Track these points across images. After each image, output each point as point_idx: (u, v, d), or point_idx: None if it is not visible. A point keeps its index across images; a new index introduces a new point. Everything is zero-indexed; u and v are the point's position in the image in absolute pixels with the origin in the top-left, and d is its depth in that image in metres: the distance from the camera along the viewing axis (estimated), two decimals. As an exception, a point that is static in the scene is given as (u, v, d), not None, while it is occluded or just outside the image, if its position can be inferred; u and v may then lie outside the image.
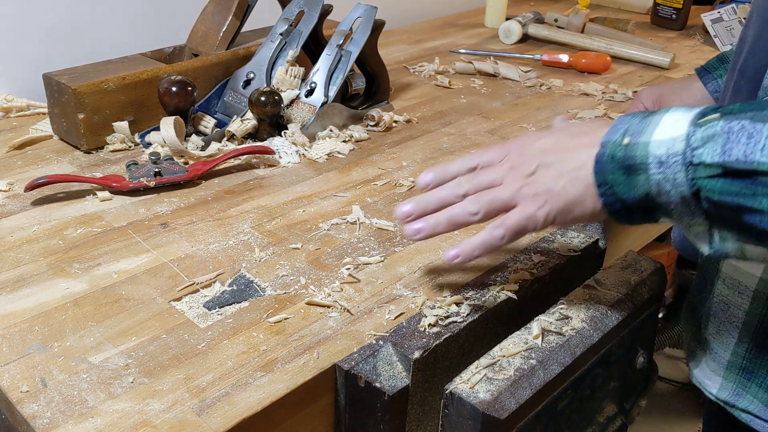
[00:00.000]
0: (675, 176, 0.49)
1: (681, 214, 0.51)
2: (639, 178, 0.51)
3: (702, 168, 0.48)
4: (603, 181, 0.53)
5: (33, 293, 0.66)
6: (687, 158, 0.49)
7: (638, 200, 0.52)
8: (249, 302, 0.66)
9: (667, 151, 0.50)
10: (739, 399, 0.64)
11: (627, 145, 0.52)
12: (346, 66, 1.01)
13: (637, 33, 1.56)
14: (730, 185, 0.47)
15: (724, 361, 0.64)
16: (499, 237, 0.59)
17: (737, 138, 0.47)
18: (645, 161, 0.50)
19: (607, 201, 0.54)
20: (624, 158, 0.52)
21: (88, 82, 0.90)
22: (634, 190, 0.52)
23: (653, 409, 1.71)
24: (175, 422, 0.52)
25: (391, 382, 0.58)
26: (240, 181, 0.88)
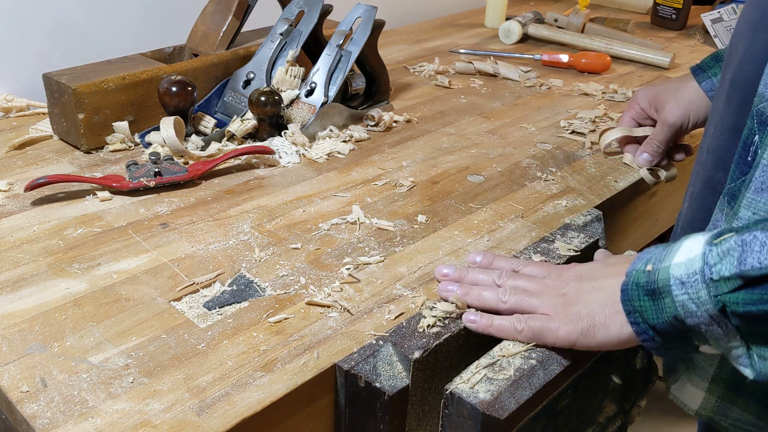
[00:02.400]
0: (698, 294, 0.50)
1: (716, 337, 0.51)
2: (665, 302, 0.52)
3: (722, 283, 0.49)
4: (631, 308, 0.55)
5: (33, 293, 0.66)
6: (706, 275, 0.50)
7: (668, 324, 0.53)
8: (249, 302, 0.66)
9: (687, 271, 0.51)
10: (726, 413, 0.63)
11: (649, 272, 0.53)
12: (346, 66, 1.01)
13: (637, 33, 1.56)
14: (751, 294, 0.48)
15: (709, 375, 0.63)
16: (517, 330, 0.61)
17: (750, 248, 0.48)
18: (667, 284, 0.52)
19: (639, 330, 0.55)
20: (647, 283, 0.53)
21: (88, 82, 0.90)
22: (662, 314, 0.53)
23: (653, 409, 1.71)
24: (175, 422, 0.52)
25: (391, 382, 0.58)
26: (240, 181, 0.88)
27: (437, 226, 0.79)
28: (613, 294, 0.57)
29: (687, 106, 0.88)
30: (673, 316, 0.52)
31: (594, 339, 0.58)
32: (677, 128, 0.89)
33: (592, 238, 0.77)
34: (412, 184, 0.88)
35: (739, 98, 0.62)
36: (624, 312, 0.55)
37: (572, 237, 0.77)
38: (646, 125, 0.95)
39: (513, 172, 0.93)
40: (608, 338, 0.57)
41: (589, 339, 0.58)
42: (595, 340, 0.58)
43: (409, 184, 0.88)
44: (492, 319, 0.63)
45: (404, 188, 0.87)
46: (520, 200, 0.86)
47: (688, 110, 0.88)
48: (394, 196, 0.86)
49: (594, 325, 0.58)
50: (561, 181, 0.91)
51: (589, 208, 0.84)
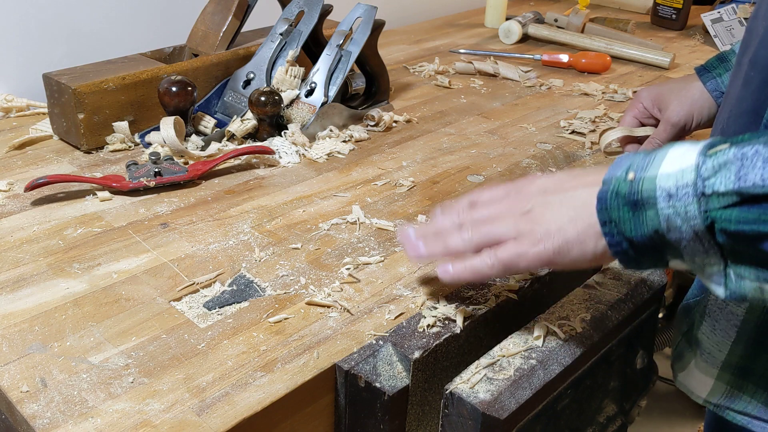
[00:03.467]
0: (686, 209, 0.47)
1: (693, 253, 0.49)
2: (647, 214, 0.49)
3: (715, 198, 0.46)
4: (607, 219, 0.51)
5: (33, 293, 0.66)
6: (698, 189, 0.46)
7: (647, 238, 0.49)
8: (249, 302, 0.66)
9: (676, 183, 0.47)
10: (734, 401, 0.63)
11: (632, 181, 0.50)
12: (346, 66, 1.01)
13: (637, 33, 1.56)
14: (747, 213, 0.45)
15: (718, 361, 0.63)
16: (488, 265, 0.58)
17: (752, 163, 0.45)
18: (652, 195, 0.48)
19: (613, 241, 0.51)
20: (629, 193, 0.49)
21: (88, 82, 0.90)
22: (642, 227, 0.49)
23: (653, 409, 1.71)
24: (175, 422, 0.52)
25: (391, 382, 0.58)
26: (240, 181, 0.88)
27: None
28: (584, 206, 0.53)
29: (691, 106, 0.88)
30: (654, 230, 0.49)
31: (568, 256, 0.54)
32: (680, 128, 0.89)
33: (592, 238, 0.77)
34: (412, 184, 0.88)
35: (759, 78, 0.60)
36: (599, 222, 0.51)
37: (572, 237, 0.77)
38: (649, 125, 0.95)
39: (513, 172, 0.93)
40: (584, 254, 0.53)
41: (563, 256, 0.54)
42: (570, 257, 0.54)
43: (409, 184, 0.88)
44: (466, 264, 0.59)
45: (404, 188, 0.87)
46: (520, 200, 0.86)
47: (692, 110, 0.88)
48: (394, 196, 0.86)
49: (567, 242, 0.53)
50: (561, 181, 0.90)
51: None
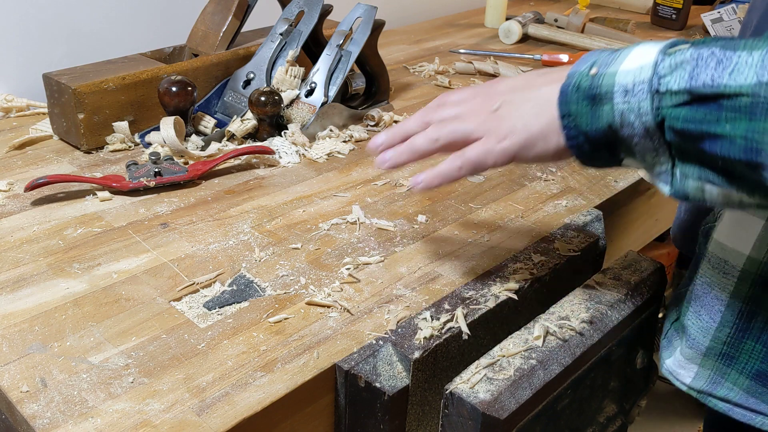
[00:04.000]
0: (640, 105, 0.48)
1: (644, 151, 0.50)
2: (603, 109, 0.50)
3: (668, 96, 0.47)
4: (567, 111, 0.52)
5: (33, 293, 0.66)
6: (653, 86, 0.47)
7: (601, 132, 0.50)
8: (249, 302, 0.66)
9: (634, 80, 0.48)
10: (717, 387, 0.63)
11: (594, 75, 0.50)
12: (346, 66, 1.01)
13: (637, 33, 1.56)
14: (695, 112, 0.46)
15: (702, 347, 0.63)
16: (457, 167, 0.59)
17: (706, 63, 0.45)
18: (610, 90, 0.49)
19: (570, 134, 0.52)
20: (589, 87, 0.50)
21: (88, 82, 0.90)
22: (597, 121, 0.50)
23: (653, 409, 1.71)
24: (175, 422, 0.52)
25: (391, 382, 0.58)
26: (240, 181, 0.88)
27: (437, 226, 0.79)
28: (548, 102, 0.54)
29: None
30: (608, 125, 0.50)
31: (533, 150, 0.55)
32: None
33: (592, 237, 0.77)
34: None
35: None
36: (559, 115, 0.52)
37: (572, 237, 0.77)
38: None
39: (513, 172, 0.93)
40: (546, 149, 0.54)
41: (528, 151, 0.55)
42: (534, 151, 0.55)
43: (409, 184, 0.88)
44: (435, 170, 0.60)
45: (404, 188, 0.87)
46: (520, 200, 0.86)
47: None
48: (394, 196, 0.86)
49: (531, 136, 0.55)
50: (561, 181, 0.91)
51: (589, 208, 0.84)
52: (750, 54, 0.44)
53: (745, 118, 0.43)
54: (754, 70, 0.43)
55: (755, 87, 0.43)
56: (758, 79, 0.43)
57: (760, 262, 0.59)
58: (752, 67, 0.44)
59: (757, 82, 0.43)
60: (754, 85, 0.43)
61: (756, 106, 0.43)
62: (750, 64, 0.44)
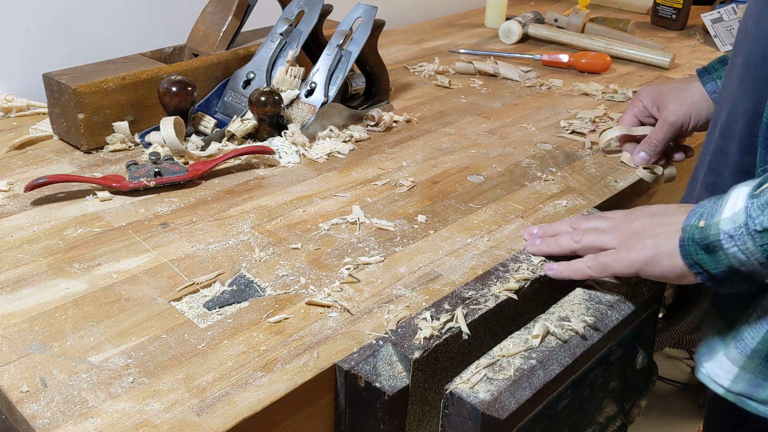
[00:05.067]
0: (746, 246, 0.54)
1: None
2: (719, 255, 0.57)
3: (765, 234, 0.53)
4: (692, 261, 0.59)
5: (33, 293, 0.66)
6: (750, 228, 0.54)
7: (726, 273, 0.57)
8: (249, 302, 0.66)
9: (733, 225, 0.55)
10: (757, 390, 0.64)
11: (702, 228, 0.58)
12: (346, 66, 1.01)
13: (637, 33, 1.56)
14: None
15: (749, 349, 0.64)
16: (587, 266, 0.67)
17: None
18: (718, 239, 0.56)
19: (703, 278, 0.59)
20: (701, 239, 0.58)
21: (88, 82, 0.90)
22: (719, 265, 0.57)
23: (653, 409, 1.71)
24: (175, 422, 0.52)
25: (391, 382, 0.58)
26: (240, 181, 0.88)
27: (437, 226, 0.79)
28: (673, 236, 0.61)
29: (689, 106, 0.88)
30: (729, 266, 0.56)
31: (658, 267, 0.62)
32: (677, 128, 0.89)
33: (592, 238, 0.77)
34: (412, 184, 0.88)
35: (754, 77, 0.63)
36: (686, 266, 0.59)
37: (572, 237, 0.77)
38: (648, 123, 0.95)
39: (513, 172, 0.93)
40: (672, 269, 0.61)
41: (654, 267, 0.62)
42: (660, 268, 0.62)
43: (409, 184, 0.88)
44: (569, 263, 0.69)
45: (404, 188, 0.87)
46: (520, 200, 0.86)
47: (690, 111, 0.88)
48: (394, 196, 0.86)
49: (659, 254, 0.61)
50: (561, 181, 0.91)
51: (589, 208, 0.84)
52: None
53: None
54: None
55: None
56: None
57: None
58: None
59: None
60: None
61: None
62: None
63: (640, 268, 0.63)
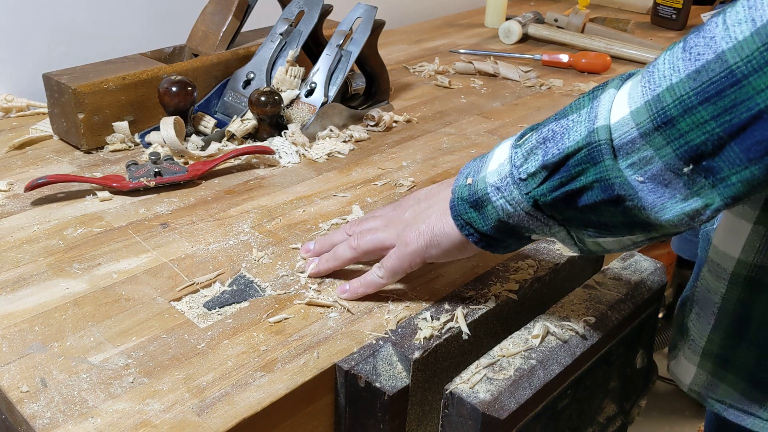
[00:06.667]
0: (512, 196, 0.53)
1: (540, 228, 0.54)
2: (487, 209, 0.56)
3: (530, 180, 0.52)
4: (462, 222, 0.58)
5: (33, 293, 0.66)
6: (515, 176, 0.53)
7: (495, 228, 0.56)
8: (249, 302, 0.66)
9: (499, 177, 0.54)
10: (714, 389, 0.64)
11: (470, 185, 0.57)
12: (346, 66, 1.01)
13: (637, 33, 1.56)
14: (552, 182, 0.51)
15: (700, 348, 0.64)
16: (378, 275, 0.65)
17: (551, 139, 0.51)
18: (485, 192, 0.55)
19: (474, 239, 0.58)
20: (470, 196, 0.57)
21: (88, 82, 0.90)
22: (488, 221, 0.56)
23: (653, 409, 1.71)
24: (175, 422, 0.52)
25: (391, 382, 0.58)
26: (240, 181, 0.88)
27: (437, 226, 0.79)
28: (445, 210, 0.60)
29: None
30: (497, 220, 0.56)
31: (440, 247, 0.61)
32: None
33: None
34: (412, 184, 0.88)
35: None
36: (457, 227, 0.59)
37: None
38: None
39: (513, 172, 0.93)
40: (452, 244, 0.60)
41: (436, 248, 0.61)
42: (441, 248, 0.61)
43: (409, 184, 0.88)
44: (359, 279, 0.66)
45: (404, 188, 0.87)
46: (520, 200, 0.86)
47: None
48: (394, 196, 0.86)
49: (435, 235, 0.60)
50: (561, 181, 0.90)
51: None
52: (579, 114, 0.50)
53: (590, 164, 0.49)
54: (584, 125, 0.49)
55: (588, 137, 0.49)
56: (587, 131, 0.49)
57: (750, 265, 0.59)
58: (581, 123, 0.50)
59: (587, 133, 0.49)
60: (586, 136, 0.49)
61: (593, 151, 0.48)
62: (579, 121, 0.50)
63: (423, 255, 0.62)
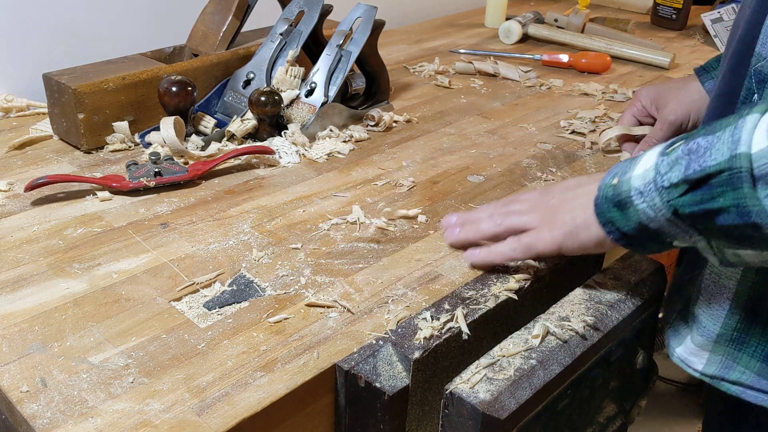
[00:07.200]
0: (654, 202, 0.55)
1: (680, 235, 0.56)
2: (630, 211, 0.57)
3: (672, 189, 0.53)
4: (605, 220, 0.60)
5: (33, 293, 0.66)
6: (658, 184, 0.54)
7: (635, 230, 0.58)
8: (249, 302, 0.66)
9: (643, 182, 0.56)
10: (729, 372, 0.65)
11: (615, 185, 0.58)
12: (346, 66, 1.01)
13: (637, 33, 1.56)
14: (694, 196, 0.52)
15: (713, 334, 0.65)
16: (510, 248, 0.67)
17: (696, 153, 0.52)
18: (629, 195, 0.57)
19: (615, 236, 0.60)
20: (614, 196, 0.58)
21: (88, 82, 0.90)
22: (630, 221, 0.58)
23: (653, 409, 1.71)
24: (175, 422, 0.52)
25: (391, 382, 0.58)
26: (240, 181, 0.88)
27: (437, 226, 0.79)
28: (588, 204, 0.62)
29: (688, 105, 0.89)
30: (638, 222, 0.57)
31: (577, 239, 0.63)
32: (677, 127, 0.89)
33: (592, 238, 0.77)
34: (412, 184, 0.88)
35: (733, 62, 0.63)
36: (600, 224, 0.60)
37: (572, 237, 0.77)
38: (647, 123, 0.95)
39: (513, 172, 0.93)
40: (590, 238, 0.62)
41: (573, 240, 0.63)
42: (579, 241, 0.63)
43: (409, 184, 0.88)
44: (491, 248, 0.69)
45: (404, 188, 0.87)
46: (520, 200, 0.86)
47: (689, 110, 0.89)
48: (394, 196, 0.86)
49: (576, 227, 0.62)
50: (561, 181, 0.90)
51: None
52: (724, 131, 0.51)
53: (729, 188, 0.50)
54: (727, 146, 0.50)
55: (730, 161, 0.49)
56: (730, 154, 0.49)
57: None
58: (725, 143, 0.50)
59: (730, 157, 0.49)
60: (728, 159, 0.49)
61: (733, 176, 0.49)
62: (724, 141, 0.50)
63: (561, 243, 0.64)
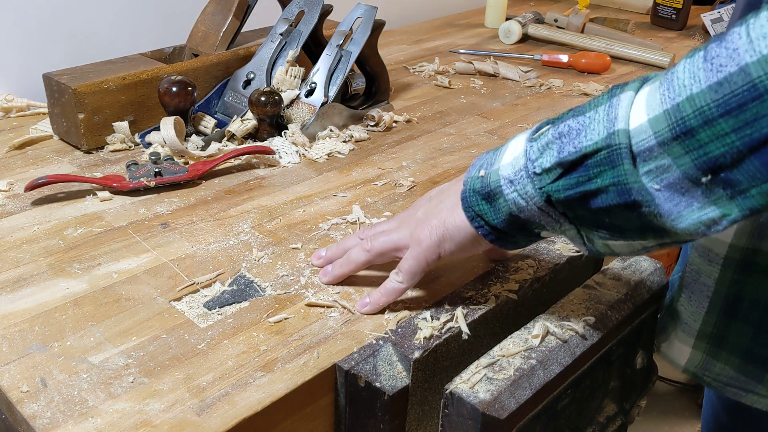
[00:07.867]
0: (525, 190, 0.52)
1: (550, 224, 0.54)
2: (499, 202, 0.55)
3: (544, 175, 0.51)
4: (473, 214, 0.57)
5: (33, 293, 0.66)
6: (530, 170, 0.52)
7: (505, 222, 0.55)
8: (249, 302, 0.66)
9: (513, 170, 0.53)
10: (710, 368, 0.66)
11: (482, 177, 0.56)
12: (346, 66, 1.01)
13: (637, 33, 1.56)
14: (569, 180, 0.50)
15: (694, 331, 0.66)
16: (397, 281, 0.63)
17: (567, 136, 0.50)
18: (498, 185, 0.54)
19: (483, 232, 0.57)
20: (482, 188, 0.56)
21: (88, 82, 0.90)
22: (499, 214, 0.55)
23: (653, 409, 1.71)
24: (175, 422, 0.52)
25: (391, 382, 0.58)
26: (240, 181, 0.88)
27: (437, 226, 0.79)
28: (457, 203, 0.59)
29: None
30: (508, 214, 0.55)
31: (453, 241, 0.59)
32: None
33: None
34: (412, 184, 0.88)
35: None
36: (468, 219, 0.57)
37: (572, 237, 0.77)
38: None
39: (513, 172, 0.93)
40: (465, 236, 0.59)
41: (449, 242, 0.60)
42: (454, 242, 0.59)
43: (409, 184, 0.88)
44: (379, 289, 0.65)
45: (404, 188, 0.87)
46: (520, 200, 0.86)
47: None
48: (394, 196, 0.86)
49: (448, 229, 0.59)
50: (561, 181, 0.90)
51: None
52: (596, 111, 0.49)
53: (608, 167, 0.47)
54: (603, 125, 0.48)
55: (608, 139, 0.47)
56: (607, 132, 0.47)
57: (742, 249, 0.61)
58: (600, 122, 0.48)
59: (607, 134, 0.47)
60: (606, 137, 0.47)
61: (612, 154, 0.47)
62: (599, 120, 0.48)
63: (438, 251, 0.61)
